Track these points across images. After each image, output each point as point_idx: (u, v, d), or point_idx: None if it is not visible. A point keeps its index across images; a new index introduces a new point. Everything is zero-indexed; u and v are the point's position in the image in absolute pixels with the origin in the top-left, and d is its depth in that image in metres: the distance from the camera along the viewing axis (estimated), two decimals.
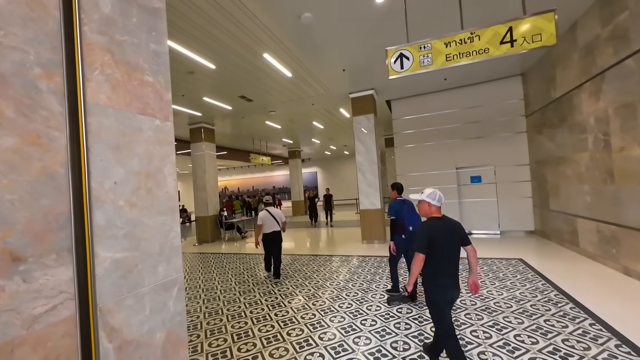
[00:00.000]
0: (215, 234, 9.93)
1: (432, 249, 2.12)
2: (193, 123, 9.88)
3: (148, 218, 1.04)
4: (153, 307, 1.03)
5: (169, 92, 1.19)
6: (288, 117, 10.20)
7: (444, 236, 2.14)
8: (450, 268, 2.15)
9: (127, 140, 1.00)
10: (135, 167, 1.01)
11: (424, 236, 2.15)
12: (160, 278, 1.07)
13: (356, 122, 7.88)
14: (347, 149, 19.54)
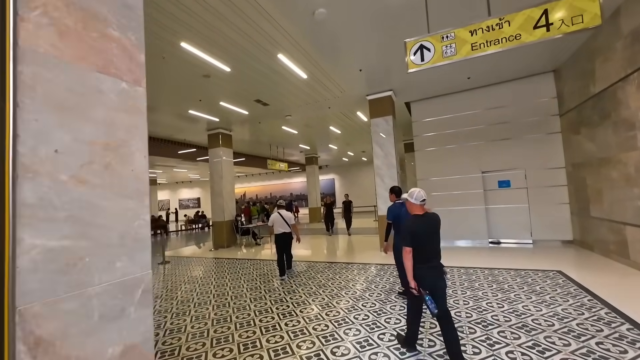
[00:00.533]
0: (231, 239, 9.87)
1: (415, 242, 2.46)
2: (211, 129, 9.99)
3: (105, 200, 0.85)
4: (105, 313, 0.81)
5: (141, 53, 1.01)
6: (304, 122, 10.09)
7: (423, 230, 2.47)
8: (431, 257, 2.48)
9: (77, 101, 0.79)
10: (88, 136, 0.81)
11: (408, 232, 2.48)
12: (119, 276, 0.86)
13: (374, 124, 7.61)
14: (365, 155, 19.19)
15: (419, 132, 8.36)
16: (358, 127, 11.33)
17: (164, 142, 10.92)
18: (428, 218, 2.54)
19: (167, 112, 7.96)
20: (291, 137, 12.44)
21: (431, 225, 2.52)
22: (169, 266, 7.41)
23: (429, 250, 2.48)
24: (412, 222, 2.52)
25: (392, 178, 7.30)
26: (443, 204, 7.85)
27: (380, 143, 7.49)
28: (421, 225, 2.49)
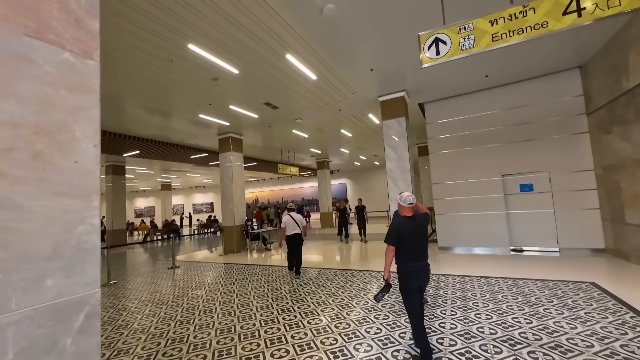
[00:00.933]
0: (241, 244, 9.76)
1: (401, 242, 2.61)
2: (222, 133, 9.99)
3: (32, 199, 0.65)
4: (26, 348, 0.60)
5: (95, 20, 0.84)
6: (315, 126, 9.94)
7: (410, 231, 2.62)
8: (416, 256, 2.64)
9: None
10: (8, 115, 0.65)
11: (395, 232, 2.62)
12: (49, 297, 0.64)
13: (386, 126, 7.36)
14: (377, 159, 18.86)
15: (433, 134, 8.04)
16: (370, 130, 11.08)
17: (176, 147, 11.02)
18: (416, 220, 2.70)
19: (178, 117, 7.99)
20: (302, 141, 12.32)
21: (419, 226, 2.69)
22: (179, 271, 7.35)
23: (416, 250, 2.65)
24: (400, 223, 2.67)
25: (406, 182, 7.01)
26: (460, 208, 7.47)
27: (393, 146, 7.22)
28: (409, 226, 2.65)
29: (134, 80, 5.68)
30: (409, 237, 2.61)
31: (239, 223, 9.76)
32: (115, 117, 7.80)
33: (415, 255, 2.63)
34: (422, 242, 2.68)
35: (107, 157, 12.90)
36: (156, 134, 9.57)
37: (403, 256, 2.63)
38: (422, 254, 2.66)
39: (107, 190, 13.68)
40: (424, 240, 2.70)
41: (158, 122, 8.39)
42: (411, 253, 2.63)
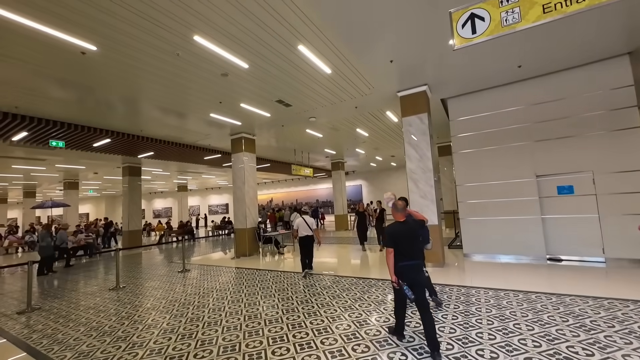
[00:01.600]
0: (253, 247, 9.47)
1: (396, 244, 2.93)
2: (234, 134, 9.77)
3: None
4: None
5: None
6: (330, 124, 9.53)
7: (402, 235, 2.95)
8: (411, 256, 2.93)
9: None
10: None
11: (389, 235, 2.98)
12: None
13: (406, 123, 6.84)
14: (394, 160, 18.21)
15: (457, 131, 7.44)
16: (387, 129, 10.55)
17: (189, 148, 10.91)
18: (408, 224, 3.03)
19: (190, 117, 7.79)
20: (316, 142, 11.94)
21: (410, 229, 3.01)
22: (189, 275, 7.11)
23: (408, 251, 2.95)
24: (394, 227, 3.01)
25: (429, 183, 6.46)
26: (487, 212, 6.83)
27: (414, 144, 6.69)
28: (401, 230, 2.98)
29: (144, 77, 5.47)
30: (401, 240, 2.95)
31: (251, 225, 9.47)
32: (129, 118, 7.70)
33: (406, 255, 2.95)
34: (414, 244, 3.02)
35: (123, 159, 13.03)
36: (169, 134, 9.46)
37: (396, 257, 2.96)
38: (414, 254, 2.99)
39: (124, 192, 13.83)
40: (416, 243, 3.06)
41: (171, 122, 8.24)
42: (403, 253, 2.94)
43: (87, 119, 7.64)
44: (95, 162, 13.13)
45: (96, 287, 6.48)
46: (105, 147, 9.77)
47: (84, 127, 7.97)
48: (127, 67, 5.05)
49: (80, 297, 5.77)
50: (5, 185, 18.64)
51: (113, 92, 6.06)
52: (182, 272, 7.52)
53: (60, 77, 5.29)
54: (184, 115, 7.71)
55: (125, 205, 13.66)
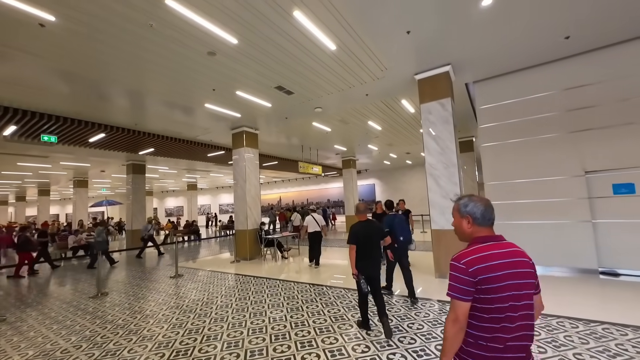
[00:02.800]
0: (255, 250, 8.74)
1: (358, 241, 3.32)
2: (235, 128, 9.06)
3: None
4: None
5: None
6: (338, 116, 8.65)
7: (364, 233, 3.35)
8: (370, 253, 3.34)
9: None
10: None
11: (354, 234, 3.35)
12: None
13: (425, 111, 5.88)
14: (410, 157, 17.08)
15: (485, 120, 6.39)
16: (403, 121, 9.55)
17: (189, 144, 10.31)
18: (370, 223, 3.47)
19: (183, 108, 7.12)
20: (324, 137, 11.08)
21: (371, 228, 3.42)
22: (179, 282, 6.43)
23: (368, 248, 3.33)
24: (358, 226, 3.40)
25: (452, 180, 5.48)
26: (521, 215, 5.79)
27: (434, 135, 5.72)
28: (363, 229, 3.38)
29: (114, 56, 4.76)
30: (363, 238, 3.30)
31: (252, 227, 8.74)
32: (119, 110, 7.12)
33: (366, 252, 3.29)
34: (374, 242, 3.36)
35: (127, 156, 12.63)
36: (166, 129, 8.86)
37: (358, 253, 3.28)
38: (372, 251, 3.32)
39: (128, 190, 13.46)
40: (376, 241, 3.40)
41: (164, 115, 7.60)
42: (364, 250, 3.28)
43: (76, 111, 7.11)
44: (100, 159, 12.79)
45: (76, 294, 5.89)
46: (102, 143, 9.29)
47: (74, 120, 7.46)
48: (94, 42, 4.35)
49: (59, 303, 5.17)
50: (19, 183, 18.85)
51: (87, 76, 5.42)
52: (174, 277, 6.86)
53: (24, 57, 4.68)
54: (176, 106, 7.03)
55: (129, 205, 13.27)
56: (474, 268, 1.22)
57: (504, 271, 1.22)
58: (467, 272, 1.22)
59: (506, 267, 1.23)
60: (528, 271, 1.26)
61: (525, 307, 1.22)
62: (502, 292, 1.19)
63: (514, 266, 1.24)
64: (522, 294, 1.22)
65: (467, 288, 1.22)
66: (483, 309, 1.21)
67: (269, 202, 28.16)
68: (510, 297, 1.20)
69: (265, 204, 27.97)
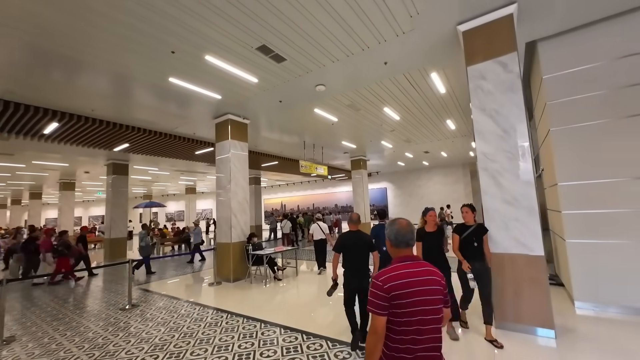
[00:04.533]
0: (240, 269, 6.92)
1: (344, 250, 3.38)
2: (219, 115, 7.34)
3: None
4: None
5: None
6: (346, 99, 6.82)
7: (351, 243, 3.37)
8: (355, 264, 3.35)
9: None
10: None
11: (339, 242, 3.41)
12: None
13: (475, 76, 3.98)
14: (427, 157, 15.08)
15: (555, 94, 4.45)
16: (428, 106, 7.62)
17: (171, 138, 8.63)
18: (358, 234, 3.43)
19: (141, 84, 5.43)
20: (330, 131, 9.25)
21: (359, 239, 3.40)
22: (128, 318, 4.65)
23: (355, 259, 3.34)
24: (345, 236, 3.44)
25: (523, 178, 3.55)
26: (613, 231, 3.82)
27: (490, 110, 3.82)
28: (350, 239, 3.38)
29: None
30: (350, 248, 3.36)
31: (238, 239, 6.94)
32: (63, 89, 5.47)
33: (352, 262, 3.35)
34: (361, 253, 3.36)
35: (107, 155, 11.10)
36: (134, 117, 7.19)
37: (345, 262, 3.38)
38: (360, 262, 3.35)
39: (107, 192, 11.89)
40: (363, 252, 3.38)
41: (122, 96, 5.92)
42: (350, 261, 3.35)
43: (20, 93, 5.51)
44: (80, 158, 11.32)
45: None
46: (63, 136, 7.68)
47: (19, 105, 5.87)
48: None
49: None
50: (3, 186, 17.64)
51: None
52: (125, 310, 5.10)
53: None
54: (134, 82, 5.33)
55: (108, 209, 11.68)
56: (389, 285, 1.37)
57: (414, 288, 1.38)
58: (383, 289, 1.37)
59: (417, 284, 1.39)
60: (437, 288, 1.42)
61: (433, 322, 1.39)
62: (412, 307, 1.35)
63: (425, 284, 1.40)
64: (430, 309, 1.38)
65: (383, 303, 1.36)
66: (396, 322, 1.37)
67: (272, 207, 26.45)
68: (419, 311, 1.36)
69: (270, 209, 26.27)
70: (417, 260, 1.48)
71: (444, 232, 3.84)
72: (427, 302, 1.37)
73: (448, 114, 8.23)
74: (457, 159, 15.93)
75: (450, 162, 16.95)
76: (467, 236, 3.45)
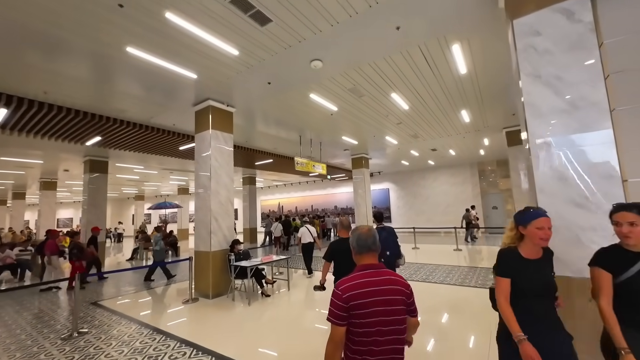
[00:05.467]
0: (222, 282, 5.86)
1: (335, 258, 3.14)
2: (198, 102, 6.29)
3: None
4: None
5: None
6: (348, 80, 5.76)
7: (341, 251, 3.00)
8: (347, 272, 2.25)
9: None
10: None
11: (329, 250, 3.22)
12: None
13: (524, 31, 2.91)
14: (434, 156, 14.02)
15: (619, 66, 3.37)
16: (443, 92, 6.55)
17: (147, 130, 7.57)
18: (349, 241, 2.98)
19: (94, 57, 4.38)
20: (329, 122, 8.19)
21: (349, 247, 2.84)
22: (60, 354, 3.57)
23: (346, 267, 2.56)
24: (335, 243, 3.23)
25: (598, 167, 2.49)
26: None
27: (548, 75, 2.76)
28: (341, 246, 3.06)
29: None
30: (340, 255, 3.06)
31: (220, 247, 5.88)
32: (17, 71, 4.43)
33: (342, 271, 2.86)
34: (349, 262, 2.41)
35: (85, 151, 10.06)
36: (93, 104, 6.13)
37: (335, 270, 3.11)
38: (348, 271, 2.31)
39: (84, 192, 10.81)
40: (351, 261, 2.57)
41: (76, 75, 4.87)
42: (340, 268, 3.04)
43: None
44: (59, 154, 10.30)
45: None
46: (18, 125, 6.62)
47: None
48: None
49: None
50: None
51: None
52: (66, 339, 4.02)
53: None
54: (77, 51, 4.26)
55: (84, 211, 10.60)
56: (348, 294, 1.33)
57: (373, 298, 1.34)
58: (342, 298, 1.33)
59: (377, 294, 1.35)
60: (398, 298, 1.37)
61: (392, 332, 1.33)
62: (370, 317, 1.31)
63: (385, 293, 1.35)
64: (390, 320, 1.33)
65: (341, 313, 1.32)
66: (354, 332, 1.33)
67: (270, 208, 25.40)
68: (378, 322, 1.32)
69: (267, 211, 25.23)
70: (379, 269, 1.45)
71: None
72: (386, 312, 1.34)
73: (464, 103, 7.18)
74: (466, 157, 14.87)
75: (458, 161, 15.89)
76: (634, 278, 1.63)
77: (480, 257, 8.83)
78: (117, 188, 21.50)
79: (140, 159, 11.58)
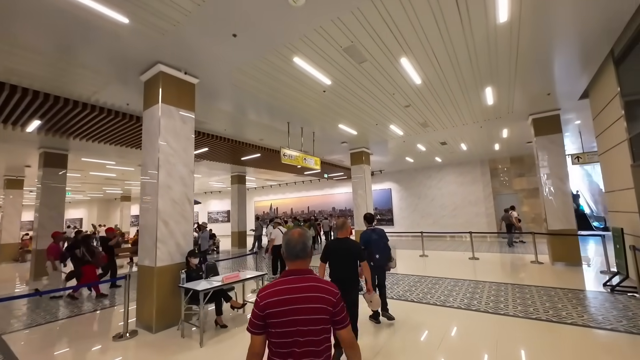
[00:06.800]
0: (172, 309, 4.30)
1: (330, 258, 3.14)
2: (147, 68, 4.76)
3: None
4: None
5: None
6: (345, 37, 4.25)
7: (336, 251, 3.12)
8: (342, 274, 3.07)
9: None
10: None
11: (325, 250, 3.19)
12: None
13: None
14: (442, 151, 12.48)
15: None
16: (469, 55, 5.01)
17: (94, 111, 6.04)
18: (345, 242, 3.19)
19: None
20: (321, 103, 6.64)
21: (345, 248, 3.14)
22: None
23: (341, 269, 3.08)
24: (330, 243, 3.23)
25: None
26: None
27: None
28: (336, 247, 3.15)
29: None
30: (335, 256, 3.11)
31: (170, 262, 4.34)
32: None
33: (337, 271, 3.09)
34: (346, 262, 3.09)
35: (40, 142, 8.57)
36: (26, 74, 4.61)
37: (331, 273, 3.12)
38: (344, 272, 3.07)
39: (37, 191, 9.26)
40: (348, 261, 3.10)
41: None
42: (335, 269, 3.10)
43: None
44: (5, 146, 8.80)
45: None
46: None
47: None
48: None
49: None
50: None
51: None
52: None
53: None
54: None
55: (38, 211, 9.05)
56: (264, 302, 1.23)
57: (290, 306, 1.22)
58: (259, 306, 1.24)
59: (294, 302, 1.23)
60: (320, 307, 1.24)
61: (310, 343, 1.22)
62: (286, 327, 1.21)
63: (304, 301, 1.23)
64: (307, 330, 1.22)
65: (257, 322, 1.24)
66: (272, 342, 1.25)
67: (263, 210, 23.85)
68: (295, 332, 1.21)
69: (261, 213, 23.67)
70: (304, 275, 1.33)
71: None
72: (304, 322, 1.22)
73: (492, 76, 5.66)
74: (477, 153, 13.35)
75: (468, 158, 14.38)
76: None
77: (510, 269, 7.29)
78: (97, 187, 19.95)
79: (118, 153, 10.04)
